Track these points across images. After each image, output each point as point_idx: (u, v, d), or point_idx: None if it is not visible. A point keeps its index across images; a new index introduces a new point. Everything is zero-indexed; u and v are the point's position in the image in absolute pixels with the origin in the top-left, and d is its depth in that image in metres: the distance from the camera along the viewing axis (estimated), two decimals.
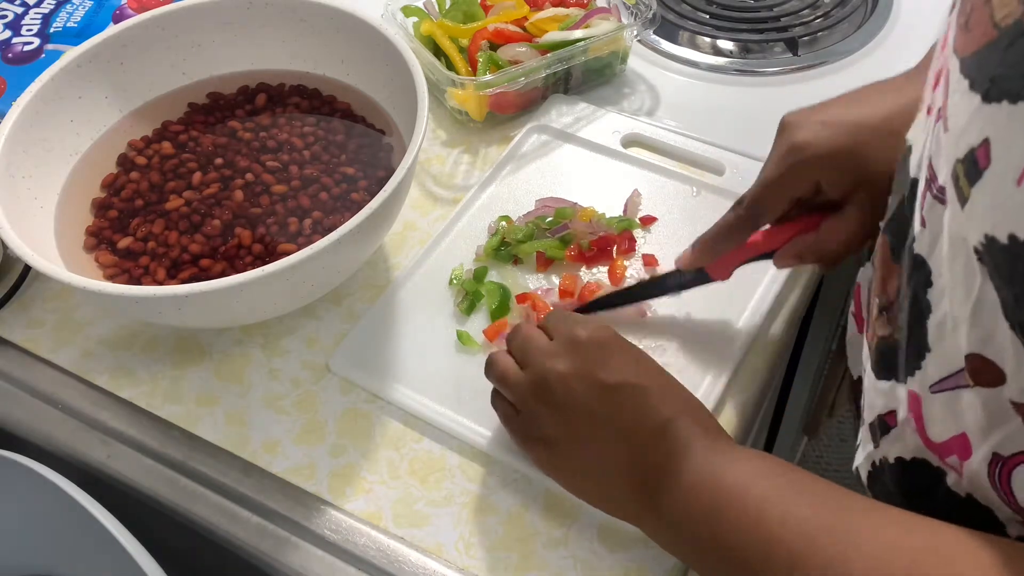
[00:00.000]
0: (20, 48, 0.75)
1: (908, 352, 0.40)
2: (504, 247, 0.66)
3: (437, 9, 0.81)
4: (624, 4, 0.79)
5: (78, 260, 0.61)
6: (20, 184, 0.60)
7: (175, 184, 0.65)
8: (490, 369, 0.53)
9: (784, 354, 0.67)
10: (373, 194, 0.54)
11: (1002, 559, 0.34)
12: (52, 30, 0.76)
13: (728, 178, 0.71)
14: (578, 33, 0.75)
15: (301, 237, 0.61)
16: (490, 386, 0.54)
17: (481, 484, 0.55)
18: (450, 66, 0.76)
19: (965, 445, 0.37)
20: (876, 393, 0.45)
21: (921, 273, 0.38)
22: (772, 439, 0.99)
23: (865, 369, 0.47)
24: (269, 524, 0.54)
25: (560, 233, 0.66)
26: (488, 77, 0.72)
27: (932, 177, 0.37)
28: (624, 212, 0.69)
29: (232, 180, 0.64)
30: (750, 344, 0.60)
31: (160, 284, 0.59)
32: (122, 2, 0.79)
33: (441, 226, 0.69)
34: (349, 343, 0.62)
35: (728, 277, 0.58)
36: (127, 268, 0.60)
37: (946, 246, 0.35)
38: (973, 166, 0.31)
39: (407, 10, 0.80)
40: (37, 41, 0.75)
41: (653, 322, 0.62)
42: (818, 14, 0.88)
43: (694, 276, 0.59)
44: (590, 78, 0.80)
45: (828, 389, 1.05)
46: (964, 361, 0.35)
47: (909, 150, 0.43)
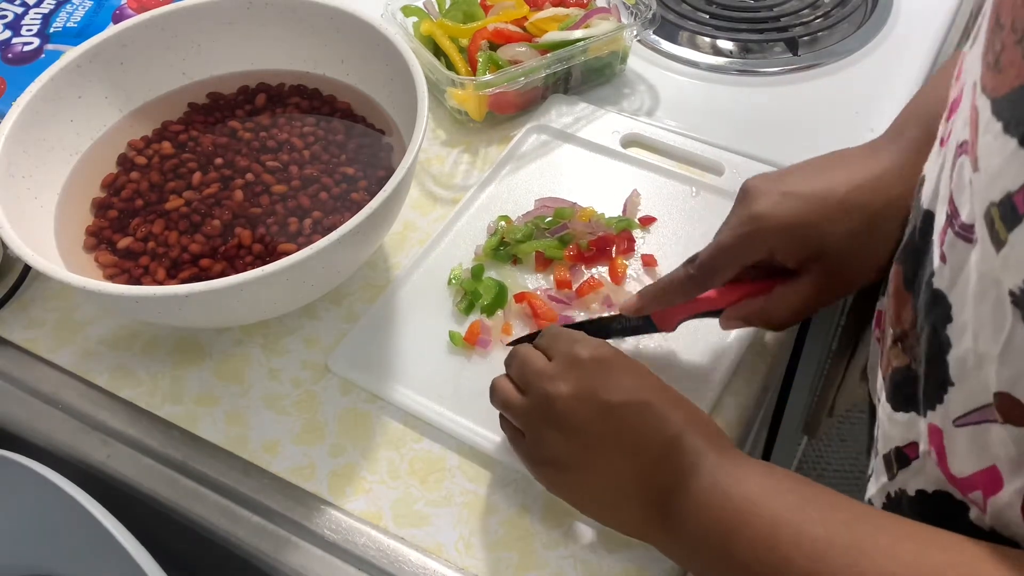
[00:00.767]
0: (20, 48, 0.75)
1: (928, 385, 0.39)
2: (503, 247, 0.66)
3: (437, 9, 0.81)
4: (624, 4, 0.79)
5: (78, 260, 0.61)
6: (20, 184, 0.60)
7: (175, 184, 0.65)
8: (493, 396, 0.52)
9: (784, 354, 0.67)
10: (373, 194, 0.54)
11: None
12: (52, 30, 0.76)
13: (727, 178, 0.71)
14: (578, 33, 0.75)
15: (301, 237, 0.61)
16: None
17: (481, 484, 0.55)
18: (450, 66, 0.76)
19: (994, 479, 0.36)
20: (892, 424, 0.44)
21: (940, 308, 0.37)
22: (772, 439, 0.99)
23: (879, 399, 0.47)
24: (269, 524, 0.54)
25: (559, 233, 0.66)
26: (488, 77, 0.72)
27: (954, 213, 0.36)
28: (623, 212, 0.69)
29: (232, 180, 0.64)
30: (750, 344, 0.60)
31: (160, 284, 0.59)
32: (122, 2, 0.79)
33: (441, 226, 0.69)
34: (348, 343, 0.62)
35: (673, 329, 0.57)
36: (127, 268, 0.60)
37: (972, 284, 0.34)
38: (1011, 211, 0.30)
39: (407, 10, 0.80)
40: (37, 41, 0.75)
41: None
42: (818, 14, 0.88)
43: (639, 323, 0.58)
44: (590, 78, 0.80)
45: (828, 389, 1.05)
46: (992, 398, 0.34)
47: (922, 181, 0.43)
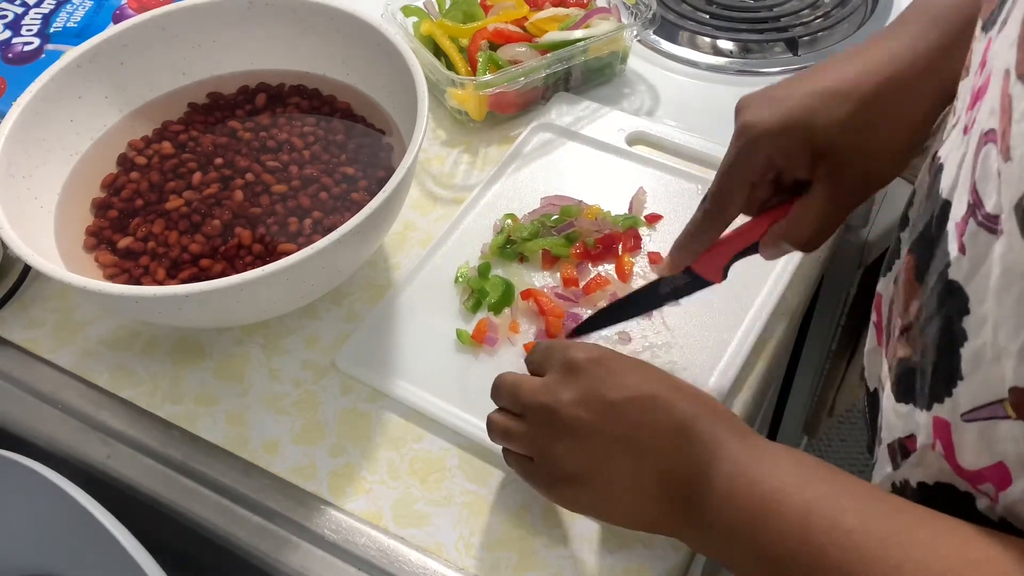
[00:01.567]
0: (20, 48, 0.75)
1: (935, 378, 0.39)
2: (509, 245, 0.66)
3: (437, 9, 0.81)
4: (624, 4, 0.79)
5: (78, 260, 0.61)
6: (20, 184, 0.60)
7: (175, 184, 0.65)
8: (491, 432, 0.50)
9: (784, 354, 0.67)
10: (373, 194, 0.54)
11: None
12: (52, 30, 0.76)
13: None
14: (578, 33, 0.75)
15: (301, 237, 0.61)
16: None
17: (481, 484, 0.55)
18: (450, 66, 0.76)
19: (1003, 475, 0.36)
20: (896, 415, 0.43)
21: (957, 300, 0.37)
22: (772, 439, 0.99)
23: (884, 388, 0.46)
24: (269, 524, 0.54)
25: (565, 231, 0.66)
26: (488, 77, 0.72)
27: (977, 203, 0.35)
28: (629, 210, 0.69)
29: (232, 180, 0.64)
30: (751, 344, 0.60)
31: (160, 284, 0.59)
32: (122, 2, 0.79)
33: (442, 226, 0.69)
34: (355, 341, 0.62)
35: (723, 278, 0.55)
36: (127, 268, 0.60)
37: (995, 277, 0.34)
38: None
39: (407, 10, 0.80)
40: (37, 41, 0.75)
41: (655, 323, 0.62)
42: (818, 14, 0.88)
43: (685, 280, 0.56)
44: (590, 78, 0.80)
45: (828, 389, 1.05)
46: (1008, 393, 0.33)
47: (940, 168, 0.42)
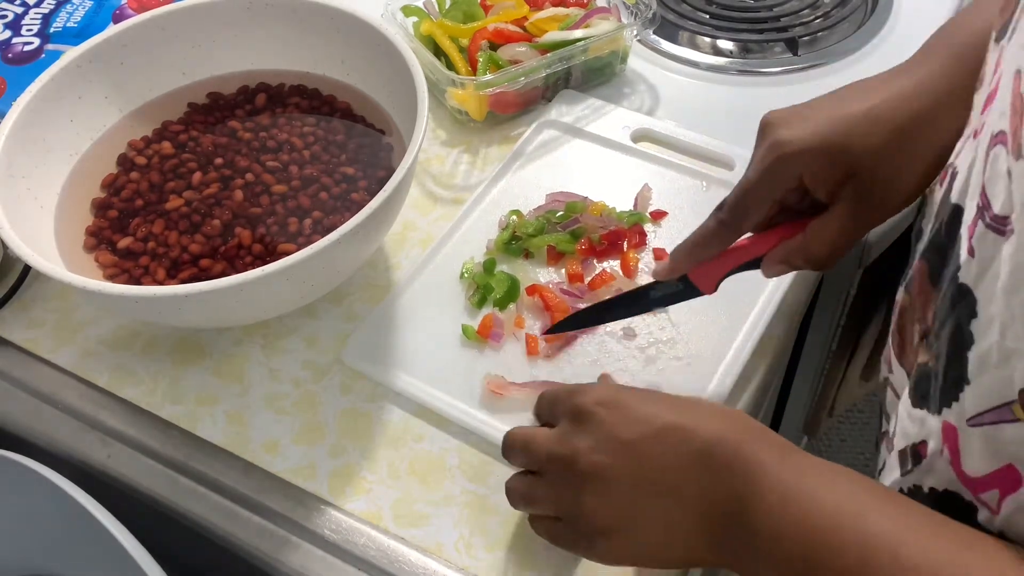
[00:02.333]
0: (20, 48, 0.75)
1: (945, 382, 0.38)
2: (515, 241, 0.67)
3: (437, 9, 0.81)
4: (624, 4, 0.79)
5: (78, 260, 0.61)
6: (20, 184, 0.60)
7: (175, 184, 0.65)
8: (512, 498, 0.48)
9: (784, 354, 0.67)
10: (373, 194, 0.54)
11: None
12: (52, 30, 0.76)
13: (738, 172, 0.71)
14: (578, 33, 0.75)
15: (301, 237, 0.61)
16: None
17: (481, 484, 0.55)
18: (450, 66, 0.76)
19: (1013, 477, 0.35)
20: (911, 421, 0.43)
21: (966, 303, 0.36)
22: None
23: (901, 395, 0.45)
24: (269, 524, 0.54)
25: (571, 227, 0.66)
26: (488, 77, 0.72)
27: (986, 205, 0.35)
28: (634, 206, 0.69)
29: (232, 180, 0.64)
30: (754, 344, 0.60)
31: (160, 284, 0.59)
32: (122, 2, 0.79)
33: (442, 226, 0.69)
34: (361, 336, 0.62)
35: (714, 290, 0.54)
36: (127, 268, 0.60)
37: (1003, 278, 0.33)
38: None
39: (407, 10, 0.80)
40: (37, 41, 0.75)
41: (660, 319, 0.62)
42: (818, 14, 0.88)
43: (678, 288, 0.55)
44: (590, 78, 0.80)
45: (828, 389, 1.05)
46: (1017, 395, 0.33)
47: (954, 175, 0.41)
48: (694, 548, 0.42)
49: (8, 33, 0.76)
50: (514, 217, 0.68)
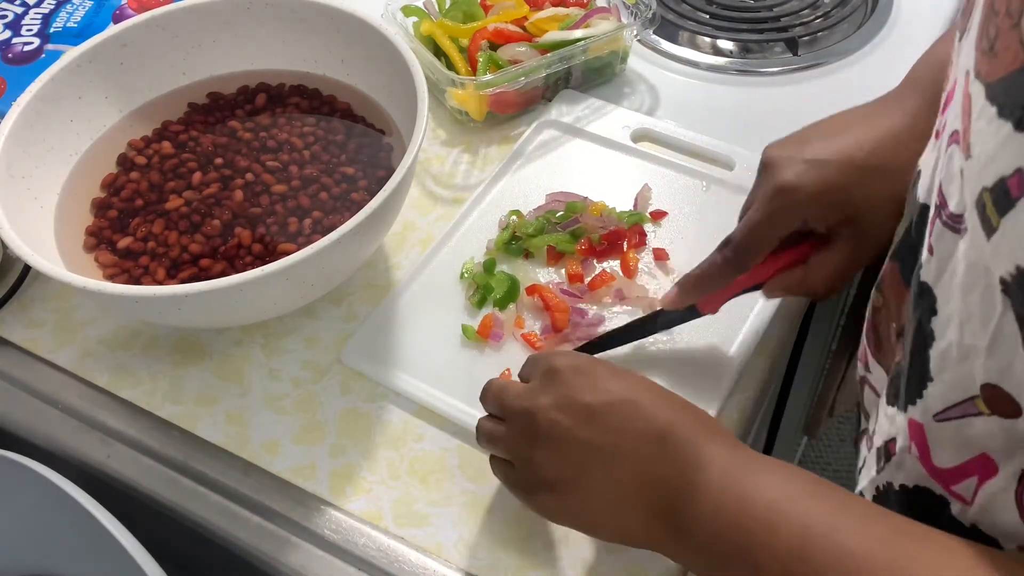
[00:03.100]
0: (20, 48, 0.75)
1: (910, 379, 0.39)
2: (515, 241, 0.67)
3: (437, 9, 0.81)
4: (624, 4, 0.79)
5: (78, 260, 0.61)
6: (20, 184, 0.60)
7: (175, 184, 0.65)
8: (479, 437, 0.50)
9: (784, 354, 0.67)
10: (373, 194, 0.54)
11: None
12: (52, 30, 0.76)
13: (738, 173, 0.71)
14: (578, 33, 0.75)
15: (301, 237, 0.61)
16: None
17: (481, 484, 0.55)
18: (450, 66, 0.76)
19: (987, 464, 0.36)
20: (886, 419, 0.44)
21: (926, 301, 0.37)
22: (772, 439, 0.99)
23: (881, 393, 0.47)
24: (269, 524, 0.54)
25: (571, 227, 0.66)
26: (488, 77, 0.72)
27: (942, 203, 0.36)
28: (634, 206, 0.69)
29: (232, 180, 0.64)
30: (753, 344, 0.60)
31: (160, 284, 0.59)
32: (122, 2, 0.79)
33: (442, 226, 0.69)
34: (361, 337, 0.62)
35: (717, 311, 0.57)
36: (127, 268, 0.60)
37: (960, 275, 0.34)
38: (1004, 196, 0.30)
39: (407, 10, 0.79)
40: (37, 41, 0.75)
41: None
42: (818, 14, 0.88)
43: (683, 313, 0.57)
44: (590, 78, 0.80)
45: (828, 389, 1.05)
46: (979, 390, 0.34)
47: (918, 175, 0.42)
48: (632, 521, 0.43)
49: (8, 33, 0.76)
50: (514, 217, 0.68)
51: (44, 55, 0.75)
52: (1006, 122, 0.30)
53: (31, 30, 0.76)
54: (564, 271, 0.65)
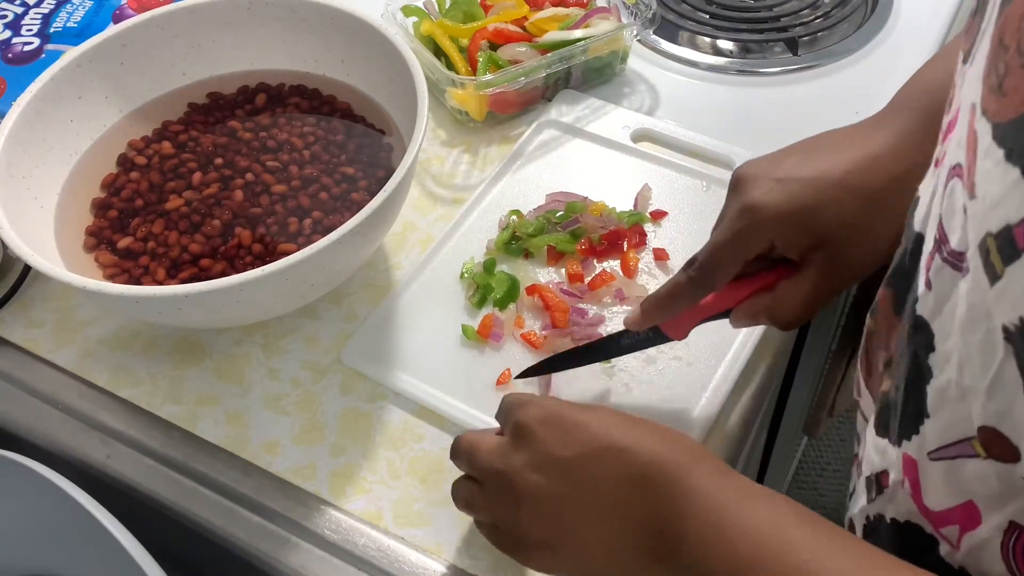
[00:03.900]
0: (20, 48, 0.75)
1: (904, 414, 0.38)
2: (515, 241, 0.67)
3: (437, 9, 0.81)
4: (624, 4, 0.79)
5: (78, 260, 0.61)
6: (20, 184, 0.60)
7: (175, 184, 0.65)
8: (456, 501, 0.49)
9: (784, 354, 0.67)
10: (373, 194, 0.54)
11: None
12: (52, 30, 0.76)
13: None
14: (578, 33, 0.75)
15: (301, 237, 0.61)
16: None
17: None
18: (450, 66, 0.76)
19: (971, 514, 0.35)
20: (874, 448, 0.43)
21: (922, 335, 0.36)
22: (772, 439, 0.99)
23: (868, 421, 0.46)
24: (269, 524, 0.54)
25: (571, 227, 0.66)
26: (488, 77, 0.72)
27: (943, 239, 0.35)
28: (634, 206, 0.69)
29: (232, 180, 0.64)
30: (753, 344, 0.60)
31: (160, 284, 0.59)
32: (122, 2, 0.79)
33: (442, 226, 0.69)
34: (361, 337, 0.62)
35: (684, 337, 0.55)
36: (127, 268, 0.60)
37: (960, 314, 0.33)
38: (1010, 244, 0.29)
39: (407, 10, 0.80)
40: (37, 41, 0.75)
41: None
42: (818, 14, 0.88)
43: (648, 335, 0.55)
44: (590, 78, 0.80)
45: (828, 389, 1.05)
46: (976, 432, 0.33)
47: (916, 202, 0.41)
48: (630, 563, 0.42)
49: (8, 33, 0.76)
50: (514, 217, 0.68)
51: (44, 55, 0.75)
52: (1014, 167, 0.29)
53: (31, 30, 0.76)
54: (564, 271, 0.65)
